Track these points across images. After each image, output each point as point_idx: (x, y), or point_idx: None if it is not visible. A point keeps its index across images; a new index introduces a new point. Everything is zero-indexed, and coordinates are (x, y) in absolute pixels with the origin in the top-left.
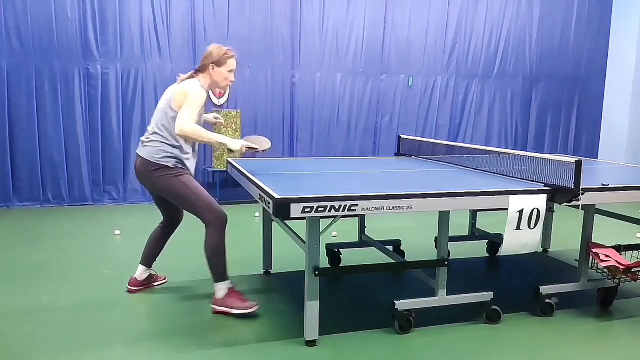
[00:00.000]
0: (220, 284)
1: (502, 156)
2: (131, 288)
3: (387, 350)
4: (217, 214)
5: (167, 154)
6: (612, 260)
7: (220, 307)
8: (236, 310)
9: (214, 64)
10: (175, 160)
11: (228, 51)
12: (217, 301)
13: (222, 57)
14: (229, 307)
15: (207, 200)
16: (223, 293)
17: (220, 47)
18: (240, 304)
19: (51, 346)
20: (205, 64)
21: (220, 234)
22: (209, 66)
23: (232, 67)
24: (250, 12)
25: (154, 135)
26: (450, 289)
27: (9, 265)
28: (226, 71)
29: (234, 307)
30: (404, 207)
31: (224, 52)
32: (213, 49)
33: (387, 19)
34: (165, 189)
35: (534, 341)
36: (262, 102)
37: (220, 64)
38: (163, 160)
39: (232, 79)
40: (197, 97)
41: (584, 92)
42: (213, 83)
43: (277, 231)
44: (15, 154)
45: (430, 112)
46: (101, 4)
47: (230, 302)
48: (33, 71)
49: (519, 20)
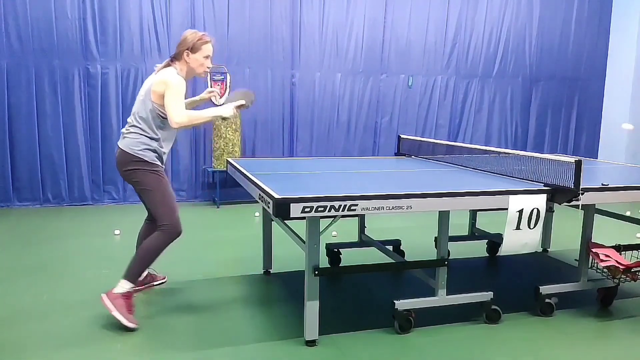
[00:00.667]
0: (126, 282)
1: (502, 156)
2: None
3: (387, 350)
4: (174, 225)
5: (146, 147)
6: (612, 260)
7: (109, 300)
8: (118, 314)
9: (188, 50)
10: (154, 153)
11: (203, 37)
12: (110, 294)
13: (196, 42)
14: (115, 307)
15: (171, 207)
16: (121, 291)
17: (195, 32)
18: (126, 313)
19: (51, 346)
20: (180, 50)
21: (164, 243)
22: (183, 53)
23: (207, 53)
24: (250, 12)
25: (133, 127)
26: (450, 289)
27: (9, 265)
28: (202, 57)
29: (119, 310)
30: (404, 207)
31: (198, 37)
32: (188, 35)
33: (387, 19)
34: (138, 182)
35: (534, 341)
36: (262, 102)
37: (195, 50)
38: (141, 153)
39: (208, 65)
40: (179, 85)
41: (584, 92)
42: (190, 70)
43: (277, 231)
44: (15, 154)
45: (430, 112)
46: (101, 4)
47: (120, 306)
48: (33, 71)
49: (519, 20)
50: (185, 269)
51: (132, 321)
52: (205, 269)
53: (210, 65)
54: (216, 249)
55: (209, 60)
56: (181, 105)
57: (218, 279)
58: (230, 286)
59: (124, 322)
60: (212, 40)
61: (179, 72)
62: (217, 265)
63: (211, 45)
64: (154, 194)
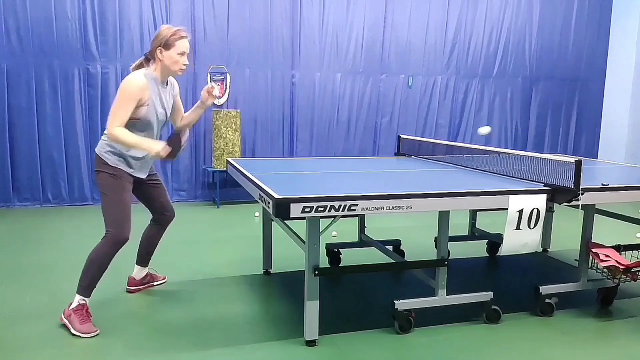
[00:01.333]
0: (78, 296)
1: (502, 156)
2: (130, 288)
3: (387, 350)
4: (119, 233)
5: (110, 149)
6: (612, 260)
7: (65, 318)
8: (73, 330)
9: (161, 47)
10: (117, 157)
11: (178, 32)
12: (66, 311)
13: (170, 38)
14: (70, 323)
15: (119, 216)
16: (75, 305)
17: (169, 27)
18: (78, 325)
19: (51, 346)
20: (152, 48)
21: (109, 251)
22: (156, 50)
23: (182, 50)
24: (250, 12)
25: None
26: (450, 289)
27: (9, 265)
28: (176, 54)
29: (73, 326)
30: (404, 207)
31: (172, 32)
32: (162, 30)
33: (387, 19)
34: (98, 183)
35: (534, 341)
36: (262, 102)
37: (169, 46)
38: (105, 156)
39: (184, 63)
40: (125, 91)
41: (584, 92)
42: (165, 69)
43: (277, 231)
44: (15, 154)
45: (430, 112)
46: (101, 4)
47: (73, 320)
48: (33, 72)
49: (519, 20)
50: (185, 269)
51: (89, 330)
52: (205, 269)
53: (186, 62)
54: (216, 249)
55: (184, 57)
56: (123, 115)
57: (218, 279)
58: (230, 286)
59: (83, 335)
60: (188, 36)
61: (152, 72)
62: (217, 265)
63: (187, 41)
64: (105, 198)
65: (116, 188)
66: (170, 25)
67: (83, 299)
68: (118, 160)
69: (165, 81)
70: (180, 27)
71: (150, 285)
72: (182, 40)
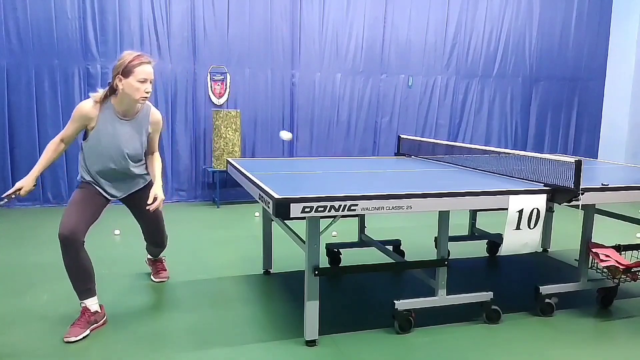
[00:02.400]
0: (86, 300)
1: (502, 156)
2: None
3: (387, 350)
4: (60, 232)
5: (81, 164)
6: (612, 260)
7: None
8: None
9: (120, 75)
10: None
11: (137, 57)
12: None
13: (128, 65)
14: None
15: (66, 213)
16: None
17: (131, 53)
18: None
19: (51, 346)
20: (112, 76)
21: (65, 254)
22: (115, 79)
23: (143, 77)
24: (250, 12)
25: None
26: (450, 289)
27: (9, 265)
28: (136, 82)
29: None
30: (404, 207)
31: (133, 57)
32: (123, 56)
33: (387, 19)
34: None
35: (534, 341)
36: (262, 102)
37: (128, 73)
38: (80, 171)
39: (147, 90)
40: (74, 111)
41: (584, 92)
42: (124, 98)
43: (277, 231)
44: (15, 154)
45: (430, 112)
46: (101, 4)
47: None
48: (33, 71)
49: (519, 20)
50: (185, 269)
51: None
52: (205, 269)
53: (148, 89)
54: (216, 249)
55: (147, 84)
56: (64, 131)
57: (218, 279)
58: (230, 286)
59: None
60: (152, 62)
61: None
62: (217, 265)
63: (149, 65)
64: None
65: (77, 194)
66: (132, 51)
67: (82, 303)
68: (84, 173)
69: (131, 113)
70: (143, 53)
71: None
72: (143, 66)
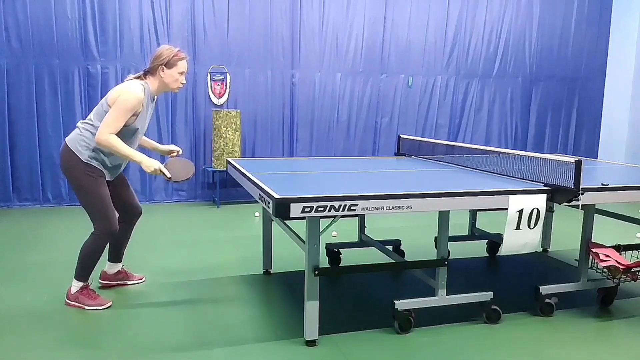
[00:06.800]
0: (76, 281)
1: (502, 156)
2: (102, 282)
3: (387, 350)
4: (109, 227)
5: (85, 144)
6: (612, 260)
7: (73, 301)
8: (88, 307)
9: (163, 65)
10: (91, 153)
11: (179, 53)
12: (70, 296)
13: (172, 58)
14: (80, 303)
15: (105, 210)
16: (75, 290)
17: (171, 48)
18: (92, 301)
19: (51, 346)
20: (154, 65)
21: (101, 244)
22: (158, 68)
23: (182, 70)
24: (250, 12)
25: (85, 124)
26: (450, 289)
27: (9, 265)
28: (177, 73)
29: (85, 303)
30: (404, 207)
31: (174, 53)
32: (164, 51)
33: (387, 19)
34: (73, 183)
35: (534, 341)
36: (262, 102)
37: (171, 65)
38: (78, 149)
39: (182, 81)
40: (126, 101)
41: (584, 92)
42: (163, 86)
43: (277, 231)
44: (15, 154)
45: (430, 112)
46: (101, 4)
47: (83, 300)
48: (33, 71)
49: (519, 20)
50: (185, 269)
51: (103, 302)
52: (205, 269)
53: (184, 81)
54: (216, 249)
55: (183, 76)
56: (117, 123)
57: (218, 279)
58: (230, 286)
59: (99, 308)
60: (187, 57)
61: (149, 87)
62: (217, 265)
63: (186, 62)
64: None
65: (94, 185)
66: (170, 46)
67: (83, 284)
68: (90, 157)
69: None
70: (179, 48)
71: (124, 283)
72: (183, 61)
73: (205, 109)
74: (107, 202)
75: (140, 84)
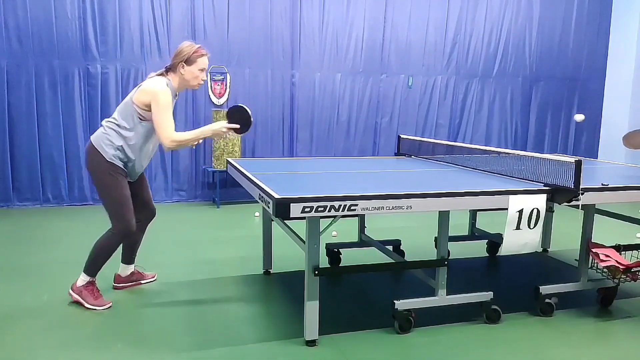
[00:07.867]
0: (85, 275)
1: (502, 156)
2: (116, 285)
3: (387, 350)
4: (126, 227)
5: (110, 142)
6: (612, 260)
7: (76, 294)
8: (88, 305)
9: (184, 62)
10: (118, 152)
11: (199, 49)
12: (75, 288)
13: (192, 55)
14: (82, 298)
15: (124, 211)
16: (82, 283)
17: (191, 44)
18: (93, 300)
19: (51, 346)
20: (175, 62)
21: (116, 242)
22: (179, 65)
23: (203, 66)
24: (250, 12)
25: (109, 122)
26: (450, 289)
27: (9, 265)
28: (197, 70)
29: (87, 301)
30: (404, 207)
31: (194, 50)
32: (184, 47)
33: (387, 19)
34: (96, 182)
35: (534, 341)
36: (262, 102)
37: (191, 62)
38: (103, 148)
39: (203, 78)
40: (167, 101)
41: (584, 92)
42: (183, 82)
43: (277, 231)
44: (15, 154)
45: (430, 112)
46: (101, 4)
47: (85, 295)
48: (33, 71)
49: (519, 20)
50: (186, 269)
51: (103, 303)
52: (205, 269)
53: (204, 77)
54: (216, 249)
55: (203, 73)
56: (168, 123)
57: (218, 279)
58: (230, 286)
59: (98, 308)
60: (208, 54)
61: (171, 83)
62: (217, 265)
63: (207, 58)
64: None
65: (116, 185)
66: (191, 43)
67: (91, 279)
68: (114, 156)
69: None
70: (200, 45)
71: (138, 283)
72: (204, 58)
73: (205, 109)
74: (128, 202)
75: (163, 81)
